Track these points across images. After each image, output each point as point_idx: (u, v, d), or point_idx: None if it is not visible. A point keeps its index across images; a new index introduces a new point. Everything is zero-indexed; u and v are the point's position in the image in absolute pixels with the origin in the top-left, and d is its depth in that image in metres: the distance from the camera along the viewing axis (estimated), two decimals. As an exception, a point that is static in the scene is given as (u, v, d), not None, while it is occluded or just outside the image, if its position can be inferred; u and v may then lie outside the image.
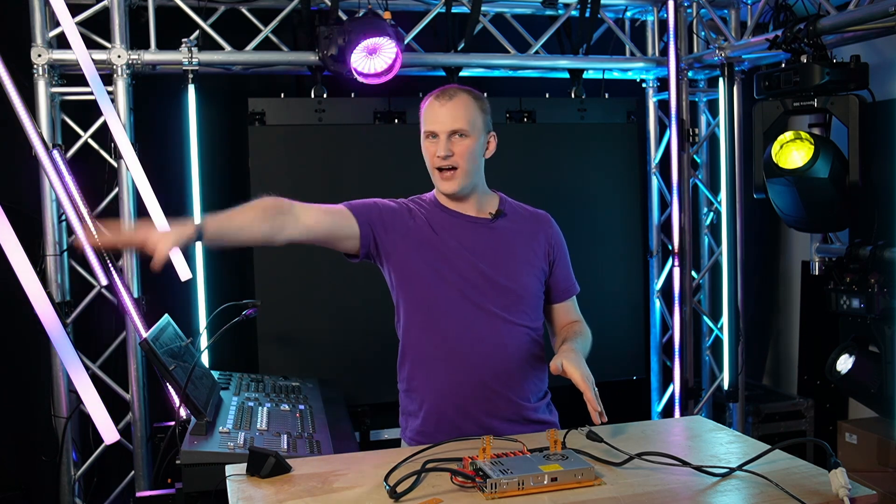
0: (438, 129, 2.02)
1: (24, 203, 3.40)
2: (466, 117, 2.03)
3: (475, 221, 2.11)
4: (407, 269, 2.07)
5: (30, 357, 3.58)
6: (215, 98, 3.79)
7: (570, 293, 2.22)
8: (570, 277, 2.22)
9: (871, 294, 3.24)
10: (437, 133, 2.02)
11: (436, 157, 2.03)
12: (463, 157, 2.03)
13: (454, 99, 2.03)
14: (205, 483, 2.10)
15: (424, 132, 2.06)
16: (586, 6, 3.93)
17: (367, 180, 3.72)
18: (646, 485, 1.56)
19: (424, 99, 2.10)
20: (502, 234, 2.11)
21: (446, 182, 2.05)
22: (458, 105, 2.03)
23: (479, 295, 2.04)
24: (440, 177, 2.05)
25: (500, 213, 2.12)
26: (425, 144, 2.07)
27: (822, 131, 3.22)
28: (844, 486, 1.48)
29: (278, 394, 2.85)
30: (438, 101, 2.04)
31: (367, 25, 3.31)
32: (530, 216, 2.19)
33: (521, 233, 2.14)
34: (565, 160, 4.03)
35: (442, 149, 2.01)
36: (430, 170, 2.09)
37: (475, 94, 2.09)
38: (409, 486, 1.54)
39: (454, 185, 2.04)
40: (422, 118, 2.08)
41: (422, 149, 2.10)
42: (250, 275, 3.68)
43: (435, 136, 2.03)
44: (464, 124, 2.02)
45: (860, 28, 3.07)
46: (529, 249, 2.13)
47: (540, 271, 2.13)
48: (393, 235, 2.06)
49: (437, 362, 2.05)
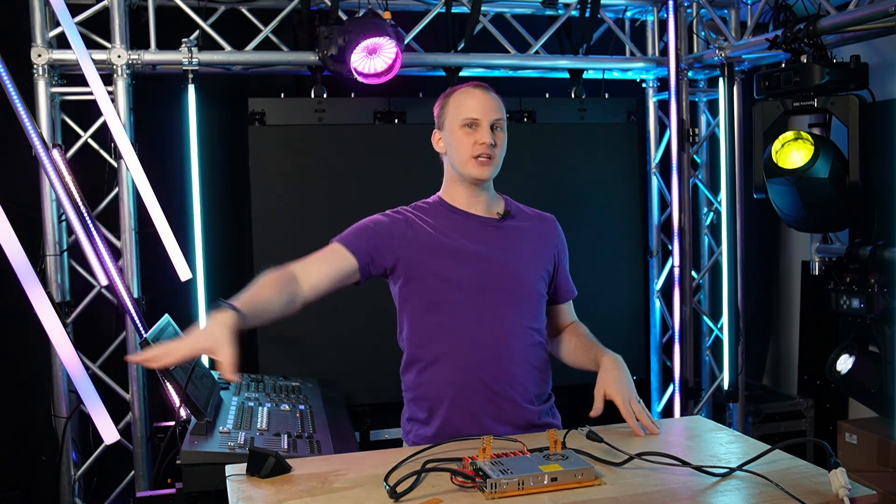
0: (482, 116, 2.01)
1: (24, 203, 3.40)
2: (503, 112, 2.05)
3: (483, 221, 2.09)
4: (411, 275, 2.04)
5: (30, 357, 3.58)
6: (215, 98, 3.79)
7: (571, 295, 2.24)
8: (570, 280, 2.24)
9: (871, 294, 3.24)
10: (480, 120, 2.01)
11: (478, 144, 2.00)
12: (499, 149, 2.04)
13: (491, 91, 2.05)
14: (205, 483, 2.10)
15: (463, 119, 2.02)
16: (586, 6, 3.93)
17: (367, 180, 3.71)
18: (646, 485, 1.56)
19: (448, 92, 2.09)
20: (510, 234, 2.10)
21: (483, 167, 2.02)
22: (495, 98, 2.05)
23: (487, 296, 2.03)
24: (476, 162, 2.02)
25: (507, 214, 2.11)
26: (459, 134, 2.02)
27: (822, 131, 3.21)
28: (844, 486, 1.48)
29: (278, 394, 2.85)
30: (478, 88, 2.04)
31: (367, 25, 3.31)
32: (536, 217, 2.19)
33: (528, 233, 2.14)
34: (565, 160, 4.03)
35: (487, 135, 1.99)
36: (460, 159, 2.03)
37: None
38: (409, 486, 1.54)
39: (489, 170, 2.03)
40: (453, 107, 2.05)
41: (443, 144, 2.08)
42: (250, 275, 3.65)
43: (475, 124, 2.01)
44: (503, 115, 2.05)
45: (860, 28, 3.07)
46: (536, 250, 2.13)
47: (545, 272, 2.13)
48: (390, 249, 2.02)
49: (445, 367, 2.03)
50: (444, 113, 2.08)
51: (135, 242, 3.45)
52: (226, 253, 3.88)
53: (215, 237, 3.71)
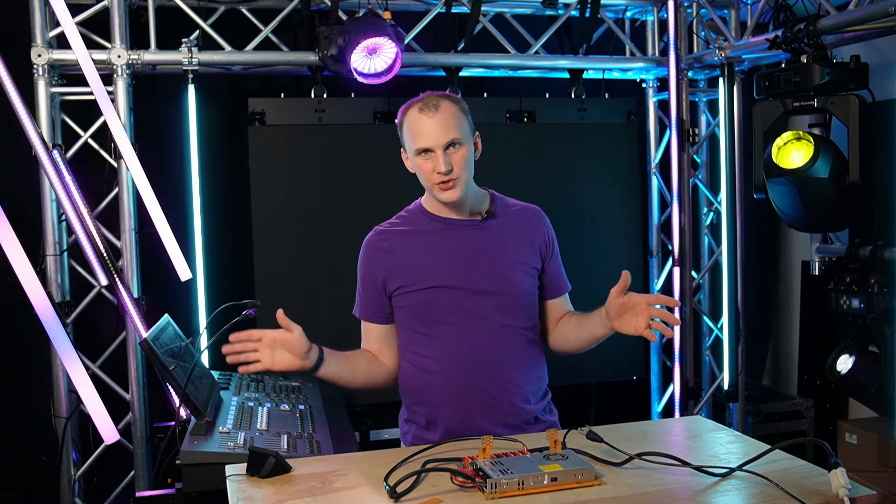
0: (432, 144, 1.94)
1: (24, 203, 3.40)
2: (457, 125, 1.95)
3: (464, 225, 2.07)
4: (400, 290, 2.07)
5: (30, 357, 3.58)
6: (215, 98, 3.79)
7: (563, 289, 2.19)
8: (562, 273, 2.19)
9: (871, 294, 3.24)
10: (433, 148, 1.94)
11: (436, 173, 1.95)
12: (461, 167, 1.96)
13: (440, 109, 1.94)
14: (205, 483, 2.09)
15: (416, 149, 1.96)
16: (586, 6, 3.93)
17: (367, 180, 3.71)
18: (646, 485, 1.56)
19: (402, 111, 2.02)
20: (493, 234, 2.08)
21: (448, 192, 1.98)
22: (445, 115, 1.94)
23: (474, 301, 2.03)
24: (440, 188, 1.98)
25: (490, 214, 2.09)
26: (417, 161, 1.98)
27: (822, 131, 3.21)
28: (844, 486, 1.48)
29: (278, 394, 2.85)
30: (424, 113, 1.94)
31: (367, 25, 3.31)
32: (521, 212, 2.16)
33: (513, 231, 2.11)
34: (565, 160, 4.03)
35: (442, 164, 1.93)
36: (425, 185, 2.03)
37: (454, 97, 2.01)
38: (409, 486, 1.54)
39: (456, 193, 1.98)
40: (406, 133, 1.99)
41: (411, 165, 2.04)
42: (250, 275, 3.68)
43: (429, 151, 1.95)
44: (456, 133, 1.95)
45: (860, 28, 3.06)
46: (521, 247, 2.10)
47: (532, 269, 2.11)
48: (383, 286, 2.09)
49: (439, 374, 2.04)
50: (402, 137, 2.04)
51: (135, 242, 3.45)
52: (226, 253, 3.88)
53: (215, 237, 3.71)
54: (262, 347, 1.90)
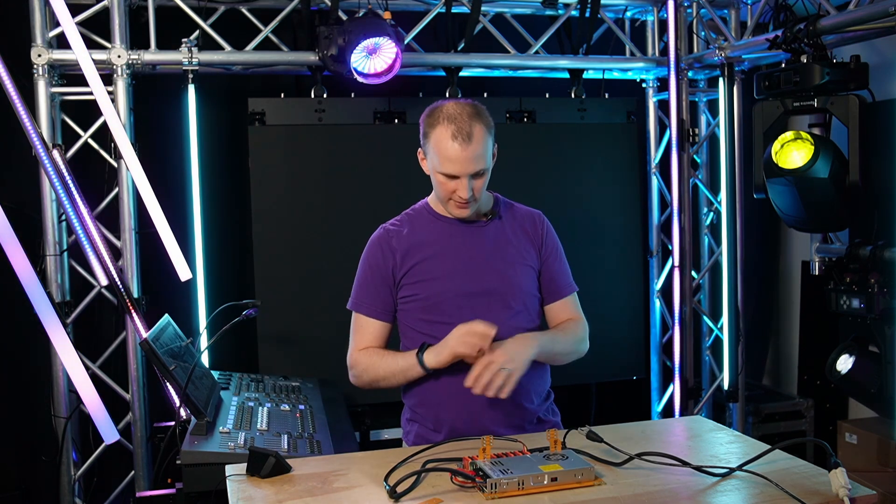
0: (460, 172, 1.96)
1: (24, 203, 3.40)
2: (485, 155, 1.97)
3: (469, 225, 2.11)
4: (403, 289, 2.08)
5: (30, 357, 3.58)
6: (215, 98, 3.79)
7: (564, 292, 2.19)
8: (564, 276, 2.20)
9: (871, 294, 3.24)
10: (459, 176, 1.97)
11: (457, 194, 1.99)
12: (480, 191, 2.02)
13: (473, 138, 1.94)
14: (205, 483, 2.10)
15: (442, 172, 1.98)
16: (586, 6, 3.93)
17: (367, 180, 3.72)
18: (646, 485, 1.56)
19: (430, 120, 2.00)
20: (495, 235, 2.11)
21: (462, 210, 2.03)
22: (477, 145, 1.95)
23: (478, 300, 2.04)
24: (456, 206, 2.02)
25: (493, 215, 2.12)
26: (439, 178, 2.00)
27: (822, 131, 3.21)
28: (844, 486, 1.48)
29: (278, 394, 2.85)
30: (457, 143, 1.94)
31: (366, 25, 3.31)
32: (523, 215, 2.19)
33: (514, 233, 2.14)
34: (565, 160, 4.03)
35: (465, 190, 1.97)
36: (440, 197, 2.05)
37: (482, 114, 2.00)
38: (409, 486, 1.54)
39: (468, 211, 2.04)
40: (433, 151, 1.99)
41: (428, 168, 2.05)
42: (250, 275, 3.68)
43: (455, 177, 1.98)
44: (483, 164, 1.98)
45: (860, 28, 3.06)
46: (522, 249, 2.13)
47: (533, 271, 2.13)
48: (392, 283, 2.09)
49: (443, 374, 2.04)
50: (426, 144, 2.03)
51: (135, 242, 3.45)
52: (226, 253, 3.88)
53: (215, 237, 3.71)
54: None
